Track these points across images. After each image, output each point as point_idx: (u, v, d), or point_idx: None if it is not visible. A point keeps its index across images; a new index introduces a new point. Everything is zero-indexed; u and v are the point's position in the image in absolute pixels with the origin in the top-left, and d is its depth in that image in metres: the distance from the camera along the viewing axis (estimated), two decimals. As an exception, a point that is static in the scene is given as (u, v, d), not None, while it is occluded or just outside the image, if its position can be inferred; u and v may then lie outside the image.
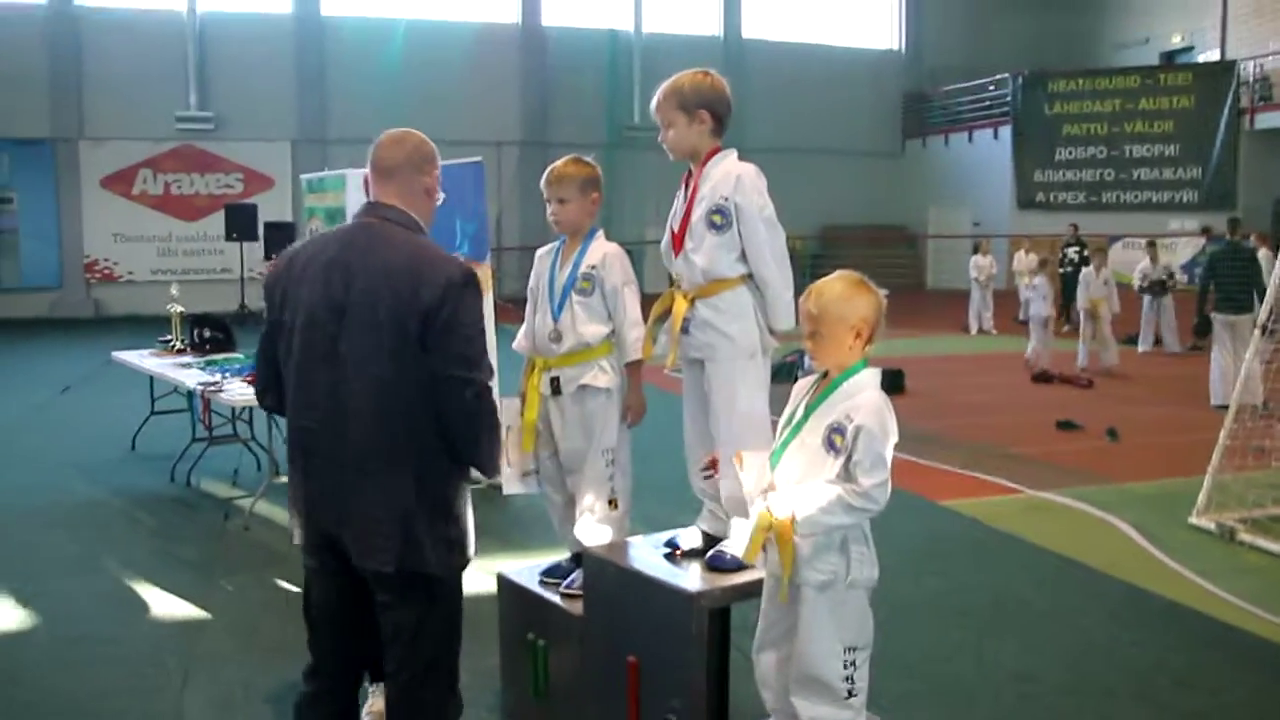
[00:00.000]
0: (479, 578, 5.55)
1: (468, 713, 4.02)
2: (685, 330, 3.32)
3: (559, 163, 3.62)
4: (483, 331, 2.71)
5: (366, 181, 2.87)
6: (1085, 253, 16.59)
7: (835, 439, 2.51)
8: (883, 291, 2.62)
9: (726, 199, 3.22)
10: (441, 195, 2.94)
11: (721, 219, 3.22)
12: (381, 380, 2.60)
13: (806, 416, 2.60)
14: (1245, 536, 6.16)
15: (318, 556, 2.78)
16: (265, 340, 2.83)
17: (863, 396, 2.53)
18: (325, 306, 2.64)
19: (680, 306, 3.32)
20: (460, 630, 2.95)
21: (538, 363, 3.64)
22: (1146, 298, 15.31)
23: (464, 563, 2.85)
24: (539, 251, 3.77)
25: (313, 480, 2.68)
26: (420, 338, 2.59)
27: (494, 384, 2.81)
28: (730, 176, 3.24)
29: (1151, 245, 16.05)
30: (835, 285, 2.58)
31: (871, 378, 2.58)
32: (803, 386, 2.71)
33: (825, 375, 2.65)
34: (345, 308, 2.62)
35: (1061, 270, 17.46)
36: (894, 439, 2.50)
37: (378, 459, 2.61)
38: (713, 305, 3.27)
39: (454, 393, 2.62)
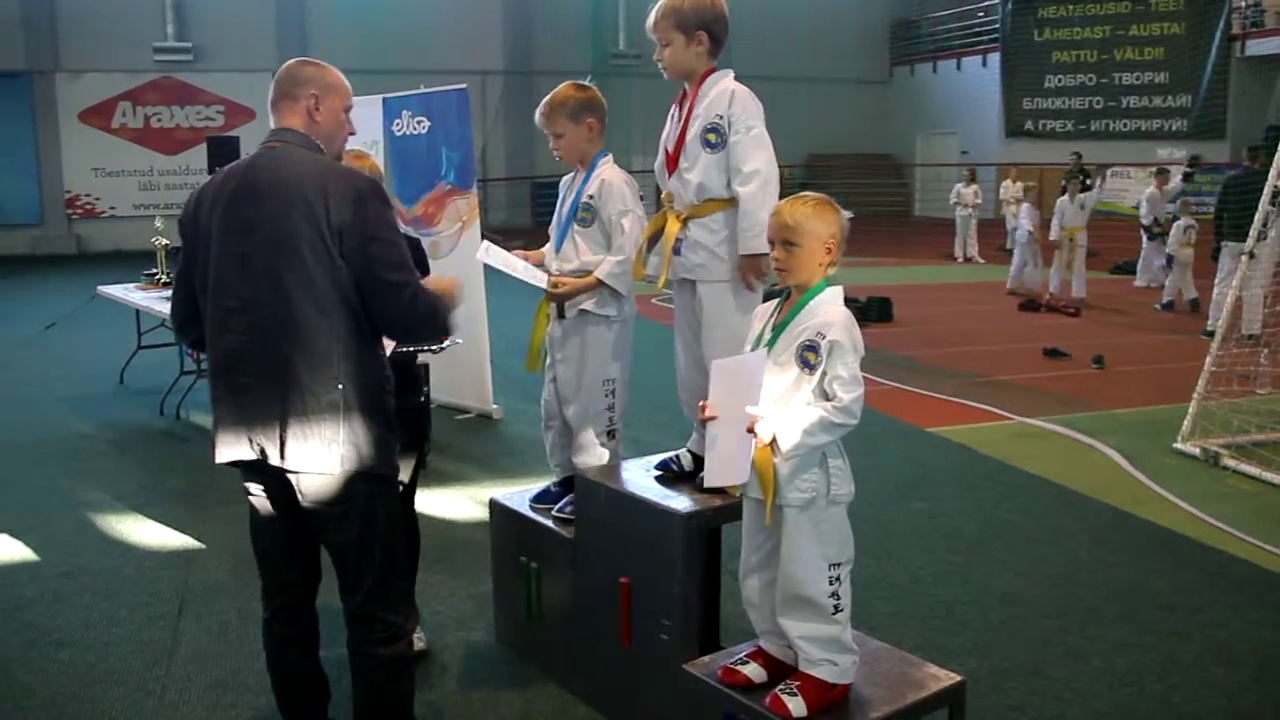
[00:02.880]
0: (470, 505, 5.59)
1: (463, 638, 4.10)
2: (677, 251, 3.30)
3: (551, 93, 3.57)
4: (401, 236, 2.78)
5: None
6: (1088, 181, 16.37)
7: (809, 356, 2.52)
8: (847, 214, 2.63)
9: (721, 117, 3.18)
10: (351, 136, 2.96)
11: (716, 137, 3.19)
12: (300, 290, 2.63)
13: (776, 337, 2.60)
14: (1229, 462, 6.23)
15: (252, 477, 2.81)
16: (182, 275, 2.85)
17: (831, 313, 2.54)
18: (236, 228, 2.67)
19: (673, 227, 3.30)
20: (404, 537, 2.98)
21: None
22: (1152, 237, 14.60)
23: (396, 466, 2.89)
24: (563, 179, 3.75)
25: (241, 396, 2.69)
26: (339, 250, 2.64)
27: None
28: (725, 94, 3.21)
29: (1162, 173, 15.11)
30: (808, 200, 2.62)
31: (836, 295, 2.60)
32: (766, 309, 2.72)
33: (788, 297, 2.66)
34: (255, 226, 2.65)
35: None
36: (862, 353, 2.53)
37: (305, 368, 2.64)
38: (705, 225, 3.25)
39: (393, 298, 2.70)
